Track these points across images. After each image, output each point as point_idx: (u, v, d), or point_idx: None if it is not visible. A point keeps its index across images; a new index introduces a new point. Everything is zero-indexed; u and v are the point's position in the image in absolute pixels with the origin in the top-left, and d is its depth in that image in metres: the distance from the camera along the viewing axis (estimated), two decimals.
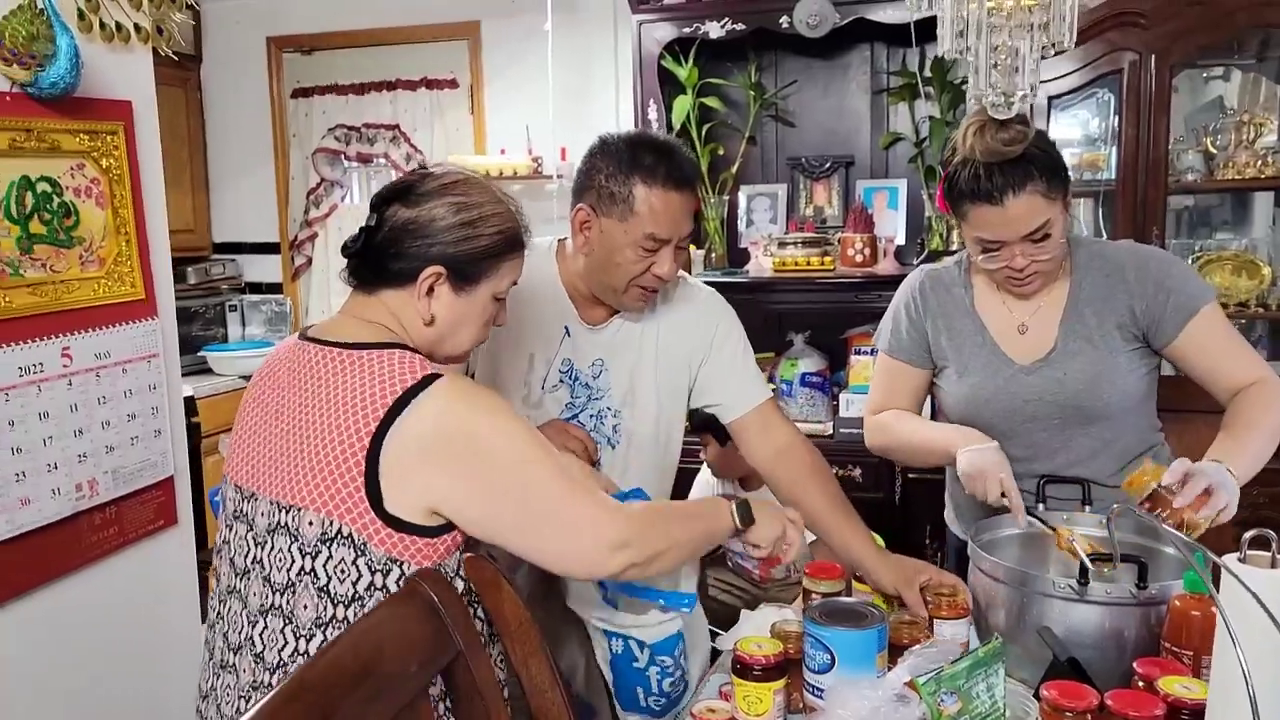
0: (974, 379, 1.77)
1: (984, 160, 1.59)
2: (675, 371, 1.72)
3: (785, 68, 3.49)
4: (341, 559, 1.18)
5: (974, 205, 1.62)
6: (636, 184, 1.53)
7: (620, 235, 1.55)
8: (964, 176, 1.62)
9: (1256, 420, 1.60)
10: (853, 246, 3.16)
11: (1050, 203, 1.60)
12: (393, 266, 1.28)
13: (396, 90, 4.14)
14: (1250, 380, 1.65)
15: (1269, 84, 3.13)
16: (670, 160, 1.55)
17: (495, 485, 1.19)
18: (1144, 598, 1.36)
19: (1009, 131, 1.57)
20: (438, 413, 1.17)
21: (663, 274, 1.58)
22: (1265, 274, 2.97)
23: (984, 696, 1.09)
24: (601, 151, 1.57)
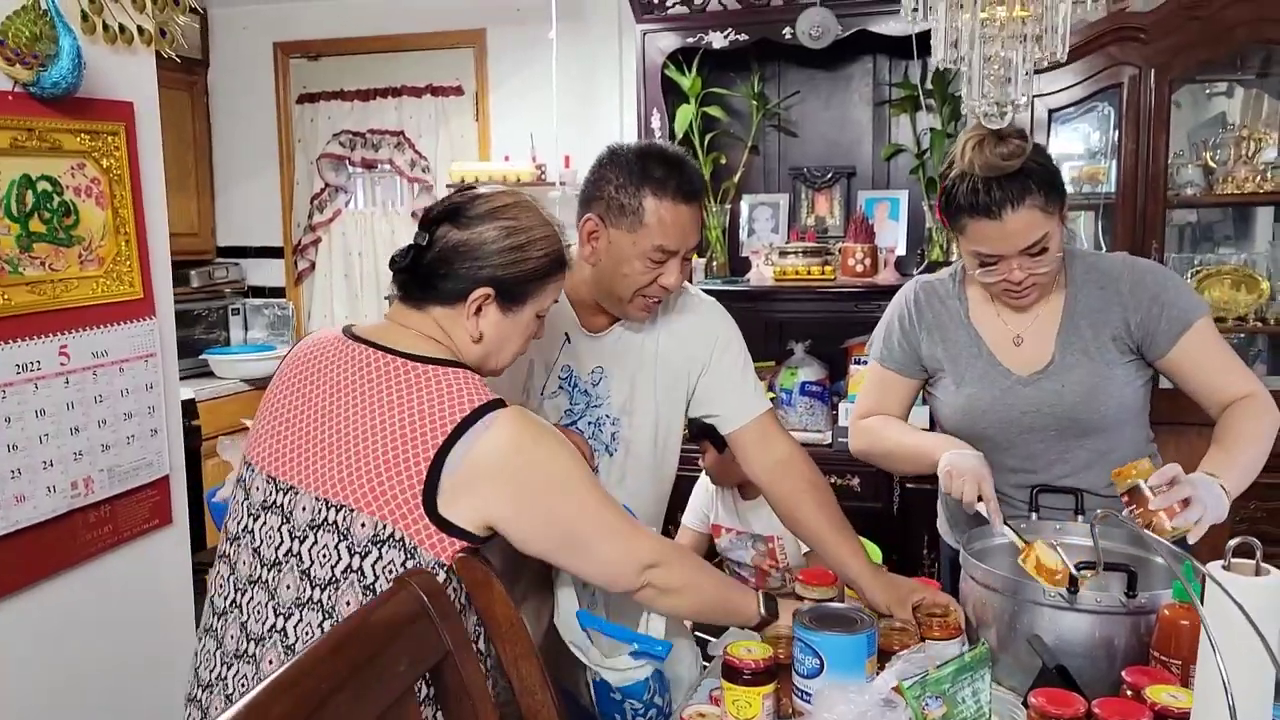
0: (971, 389, 1.77)
1: (982, 175, 1.59)
2: (674, 380, 1.73)
3: (788, 78, 3.51)
4: (391, 560, 1.22)
5: (972, 219, 1.63)
6: (647, 196, 1.53)
7: (629, 246, 1.55)
8: (962, 190, 1.62)
9: (1247, 434, 1.61)
10: (853, 256, 3.17)
11: (1048, 217, 1.61)
12: (443, 286, 1.33)
13: (402, 96, 4.16)
14: (1241, 394, 1.66)
15: (1271, 100, 3.14)
16: (681, 173, 1.56)
17: (551, 511, 1.29)
18: (1133, 607, 1.36)
19: (1008, 146, 1.58)
20: (505, 440, 1.24)
21: (669, 285, 1.58)
22: (1264, 288, 2.97)
23: (969, 701, 1.09)
24: (611, 162, 1.57)
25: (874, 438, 1.85)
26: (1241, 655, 0.94)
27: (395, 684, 1.06)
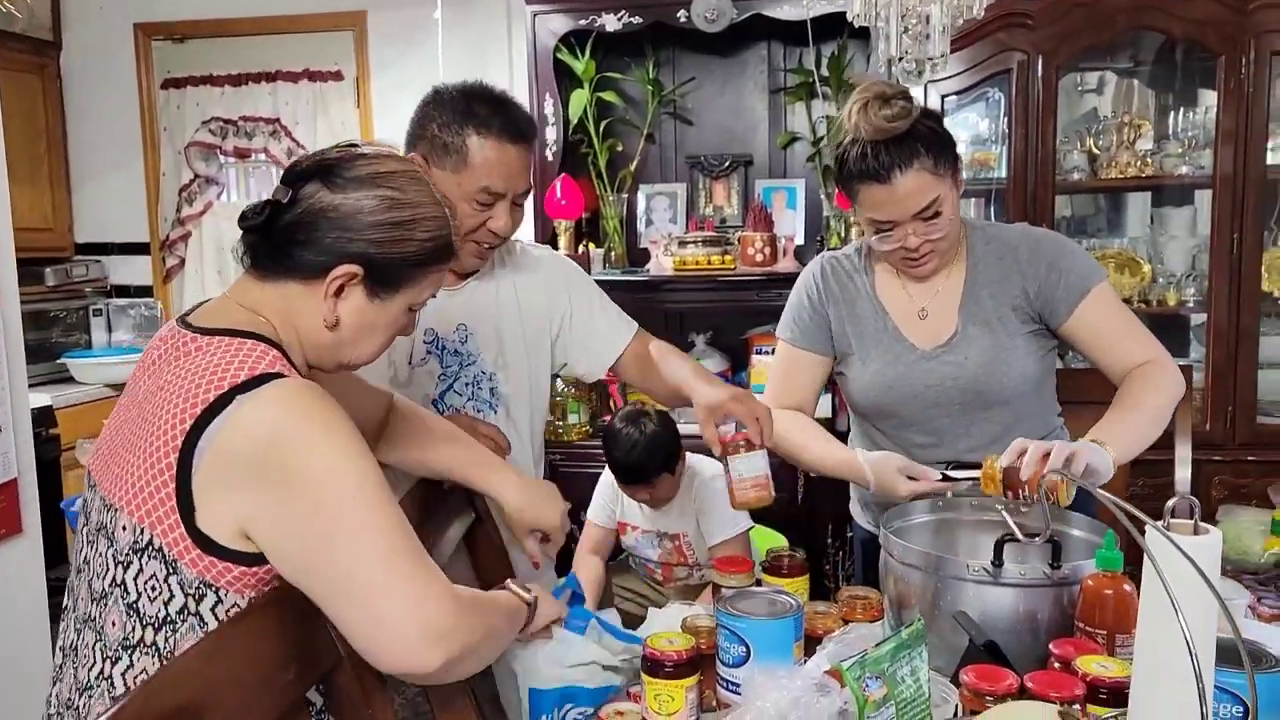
0: (876, 366, 1.75)
1: (870, 139, 1.57)
2: (539, 333, 1.71)
3: (683, 64, 3.45)
4: (153, 574, 0.99)
5: (863, 185, 1.61)
6: (470, 134, 1.49)
7: (454, 188, 1.50)
8: (852, 156, 1.61)
9: (1141, 400, 1.61)
10: (753, 245, 3.14)
11: (939, 179, 1.59)
12: (300, 256, 1.09)
13: (277, 82, 3.94)
14: (1142, 360, 1.66)
15: (1142, 89, 3.25)
16: (506, 112, 1.52)
17: (303, 524, 0.97)
18: (1057, 578, 1.33)
19: (892, 108, 1.56)
20: (260, 422, 0.97)
21: (498, 229, 1.54)
22: (1145, 271, 3.07)
23: (909, 680, 1.03)
24: (435, 101, 1.53)
25: (787, 442, 1.77)
26: (1186, 614, 0.91)
27: (283, 695, 0.94)
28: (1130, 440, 1.56)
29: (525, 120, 1.56)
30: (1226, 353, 2.90)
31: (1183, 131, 3.05)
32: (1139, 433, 1.58)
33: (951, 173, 1.61)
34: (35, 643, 1.92)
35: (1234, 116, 2.82)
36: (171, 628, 1.00)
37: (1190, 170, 2.97)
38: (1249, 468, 2.89)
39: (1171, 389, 1.63)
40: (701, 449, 2.60)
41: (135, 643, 1.01)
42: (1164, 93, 3.20)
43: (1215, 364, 2.91)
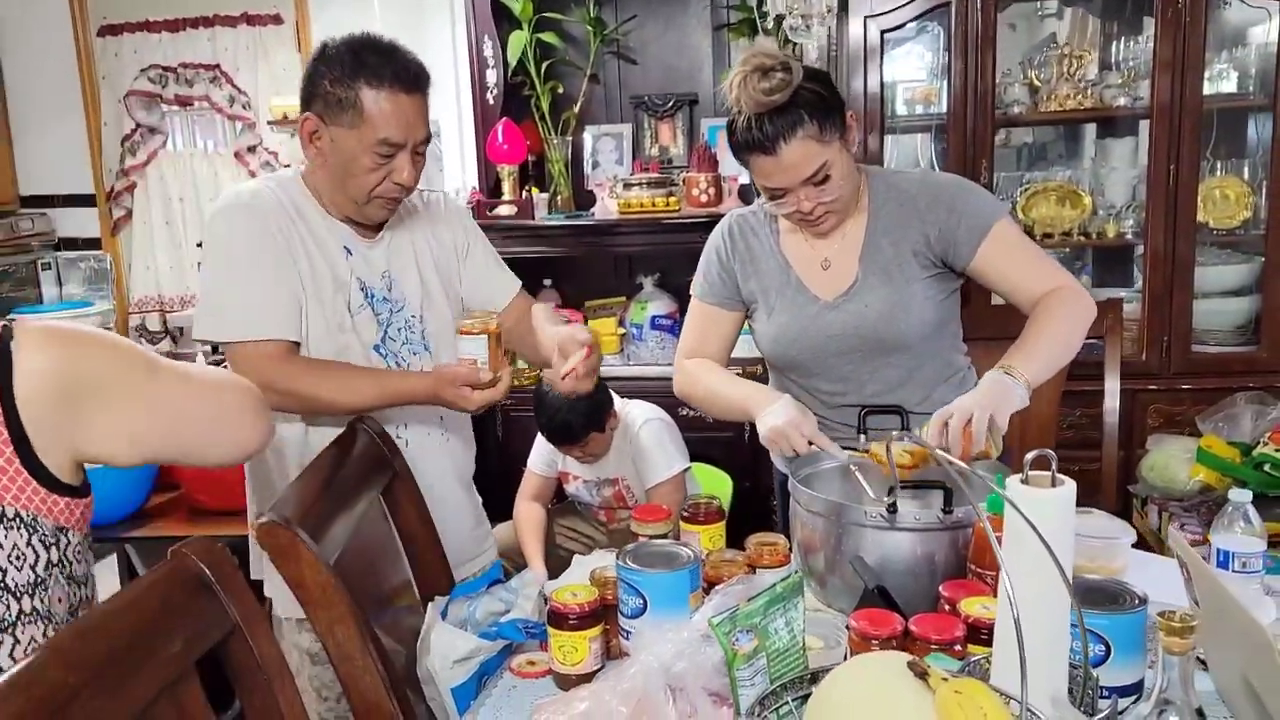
0: (782, 318, 1.78)
1: (751, 111, 1.58)
2: (450, 268, 1.75)
3: (624, 2, 3.40)
4: (14, 544, 1.03)
5: (750, 155, 1.63)
6: (362, 87, 1.48)
7: (354, 143, 1.50)
8: (739, 127, 1.62)
9: (1047, 325, 1.62)
10: (697, 186, 3.13)
11: (825, 145, 1.60)
12: None
13: (215, 27, 3.85)
14: (1049, 288, 1.67)
15: (1094, 19, 3.23)
16: (395, 60, 1.51)
17: (132, 412, 1.10)
18: (950, 522, 1.38)
19: (770, 80, 1.57)
20: (52, 361, 1.05)
21: (403, 180, 1.55)
22: (1086, 203, 3.08)
23: (782, 633, 1.07)
24: (323, 57, 1.52)
25: (692, 382, 1.84)
26: (1037, 565, 0.95)
27: (167, 668, 0.96)
28: (1040, 365, 1.57)
29: (417, 67, 1.55)
30: (1163, 282, 2.93)
31: (1124, 61, 3.04)
32: (1048, 356, 1.60)
33: (839, 136, 1.62)
34: None
35: (1171, 46, 2.81)
36: (43, 587, 1.06)
37: (1129, 101, 2.97)
38: (1183, 395, 2.94)
39: (1080, 313, 1.64)
40: (635, 395, 2.66)
41: (14, 619, 1.04)
42: (1111, 21, 3.17)
43: (1152, 293, 2.95)
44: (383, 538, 1.54)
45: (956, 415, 1.46)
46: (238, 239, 1.54)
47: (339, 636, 1.19)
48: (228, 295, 1.53)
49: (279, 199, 1.57)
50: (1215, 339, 3.04)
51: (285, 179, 1.62)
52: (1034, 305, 1.67)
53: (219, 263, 1.55)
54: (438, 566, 1.61)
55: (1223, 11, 2.93)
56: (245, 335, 1.52)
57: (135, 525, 2.12)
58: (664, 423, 2.55)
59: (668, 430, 2.54)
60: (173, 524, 2.12)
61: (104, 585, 3.56)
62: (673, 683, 1.10)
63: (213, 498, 2.11)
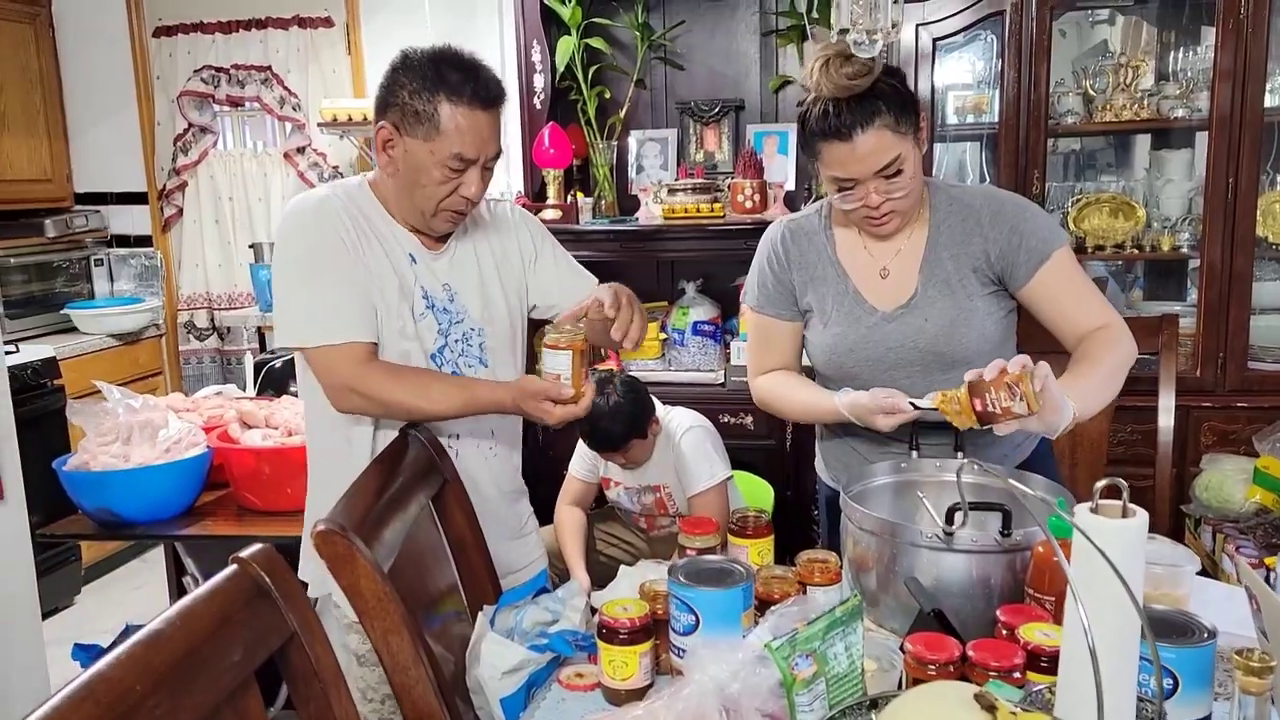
0: (837, 329, 1.75)
1: (831, 96, 1.56)
2: (516, 279, 1.74)
3: (672, 8, 3.39)
4: None
5: (825, 143, 1.60)
6: (442, 102, 1.49)
7: (426, 155, 1.51)
8: (814, 114, 1.59)
9: (1099, 359, 1.60)
10: (742, 193, 3.11)
11: (900, 137, 1.58)
12: None
13: (267, 29, 3.90)
14: (1098, 325, 1.65)
15: (1149, 27, 3.17)
16: (477, 78, 1.51)
17: None
18: (1008, 545, 1.35)
19: (853, 65, 1.54)
20: None
21: (471, 195, 1.55)
22: (1140, 215, 3.03)
23: (841, 658, 1.06)
24: (404, 67, 1.52)
25: (770, 397, 1.83)
26: (1107, 595, 0.93)
27: (229, 675, 0.97)
28: (1091, 398, 1.55)
29: (496, 85, 1.55)
30: (1218, 298, 2.87)
31: (1181, 71, 2.98)
32: (1098, 391, 1.58)
33: (914, 132, 1.59)
34: (21, 598, 1.97)
35: (1232, 55, 2.75)
36: None
37: (1187, 113, 2.92)
38: (1238, 414, 2.88)
39: (1127, 353, 1.63)
40: (677, 401, 2.64)
41: None
42: (1168, 30, 3.12)
43: (1207, 308, 2.89)
44: (432, 544, 1.54)
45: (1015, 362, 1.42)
46: (310, 245, 1.55)
47: (393, 646, 1.19)
48: (306, 301, 1.54)
49: (346, 206, 1.58)
50: (1273, 356, 2.97)
51: (352, 186, 1.63)
52: (1080, 339, 1.65)
53: (293, 270, 1.56)
54: (485, 574, 1.61)
55: None
56: (327, 339, 1.52)
57: (185, 523, 2.14)
58: (706, 430, 2.54)
59: (710, 438, 2.53)
60: (221, 523, 2.14)
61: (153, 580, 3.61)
62: (727, 704, 1.09)
63: (263, 498, 2.13)
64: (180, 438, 2.15)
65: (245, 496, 2.16)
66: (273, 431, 2.21)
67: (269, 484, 2.11)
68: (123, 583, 3.89)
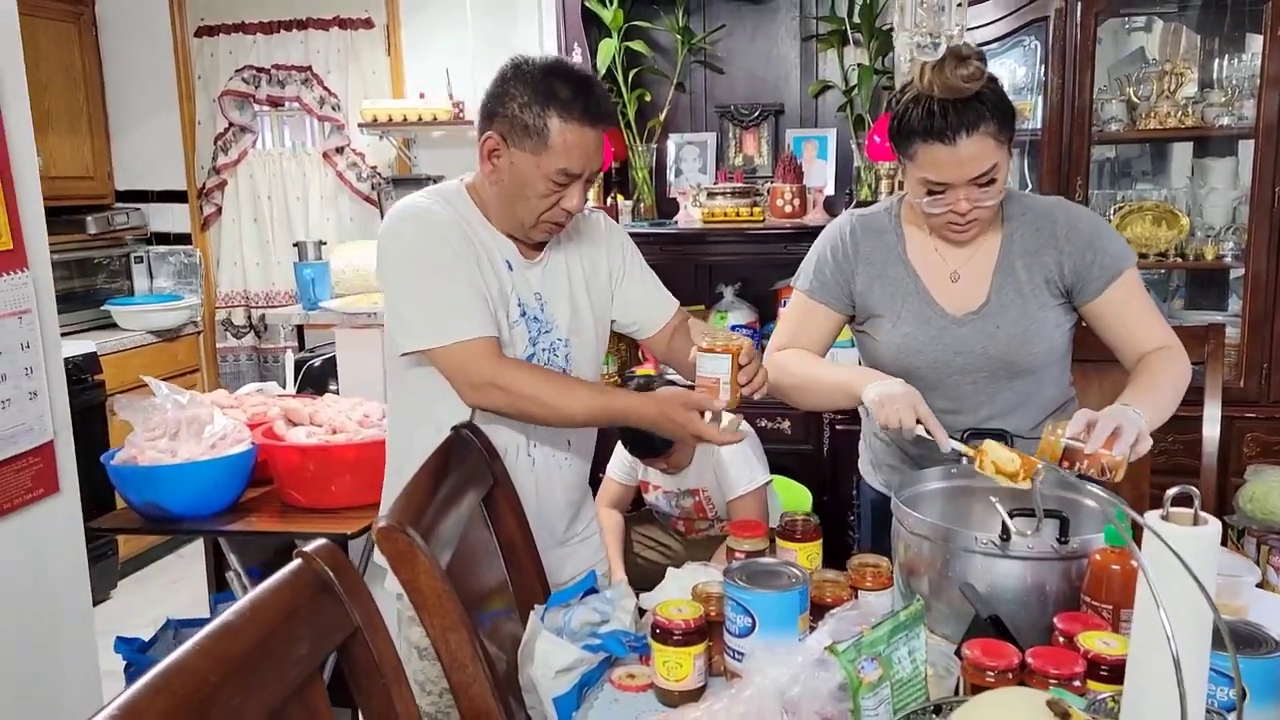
0: (906, 329, 1.73)
1: (940, 97, 1.54)
2: (604, 297, 1.75)
3: (713, 12, 3.40)
4: None
5: (925, 144, 1.57)
6: (552, 117, 1.49)
7: (532, 168, 1.51)
8: (915, 114, 1.56)
9: (1162, 374, 1.61)
10: (782, 197, 3.11)
11: (999, 146, 1.57)
12: None
13: (307, 30, 3.94)
14: (1160, 345, 1.66)
15: (1189, 34, 3.14)
16: (589, 95, 1.51)
17: None
18: (1065, 552, 1.34)
19: (968, 67, 1.53)
20: None
21: (572, 208, 1.56)
22: (1184, 224, 2.99)
23: (905, 662, 1.05)
24: (516, 78, 1.51)
25: (789, 370, 1.77)
26: (1178, 604, 0.92)
27: (296, 669, 0.97)
28: (1157, 411, 1.55)
29: (606, 103, 1.56)
30: (1263, 307, 2.83)
31: (1227, 79, 2.95)
32: (1163, 405, 1.58)
33: (1009, 140, 1.59)
34: (74, 593, 1.99)
35: (1279, 63, 2.72)
36: None
37: (1232, 121, 2.88)
38: None
39: (1185, 373, 1.63)
40: None
41: None
42: (1210, 37, 3.08)
43: (1252, 319, 2.85)
44: (484, 543, 1.55)
45: (1103, 422, 1.42)
46: (427, 248, 1.55)
47: (451, 644, 1.20)
48: (430, 304, 1.54)
49: (450, 213, 1.58)
50: None
51: (450, 193, 1.63)
52: (1140, 358, 1.64)
53: (410, 275, 1.56)
54: (534, 573, 1.62)
55: None
56: (458, 337, 1.52)
57: (230, 519, 2.16)
58: (747, 434, 2.54)
59: (750, 442, 2.52)
60: (266, 519, 2.16)
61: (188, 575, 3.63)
62: (787, 707, 1.09)
63: (307, 495, 2.14)
64: (226, 434, 2.17)
65: (289, 493, 2.18)
66: (317, 429, 2.22)
67: (313, 481, 2.12)
68: (159, 577, 3.93)
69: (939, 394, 1.73)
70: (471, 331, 1.52)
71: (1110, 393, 1.66)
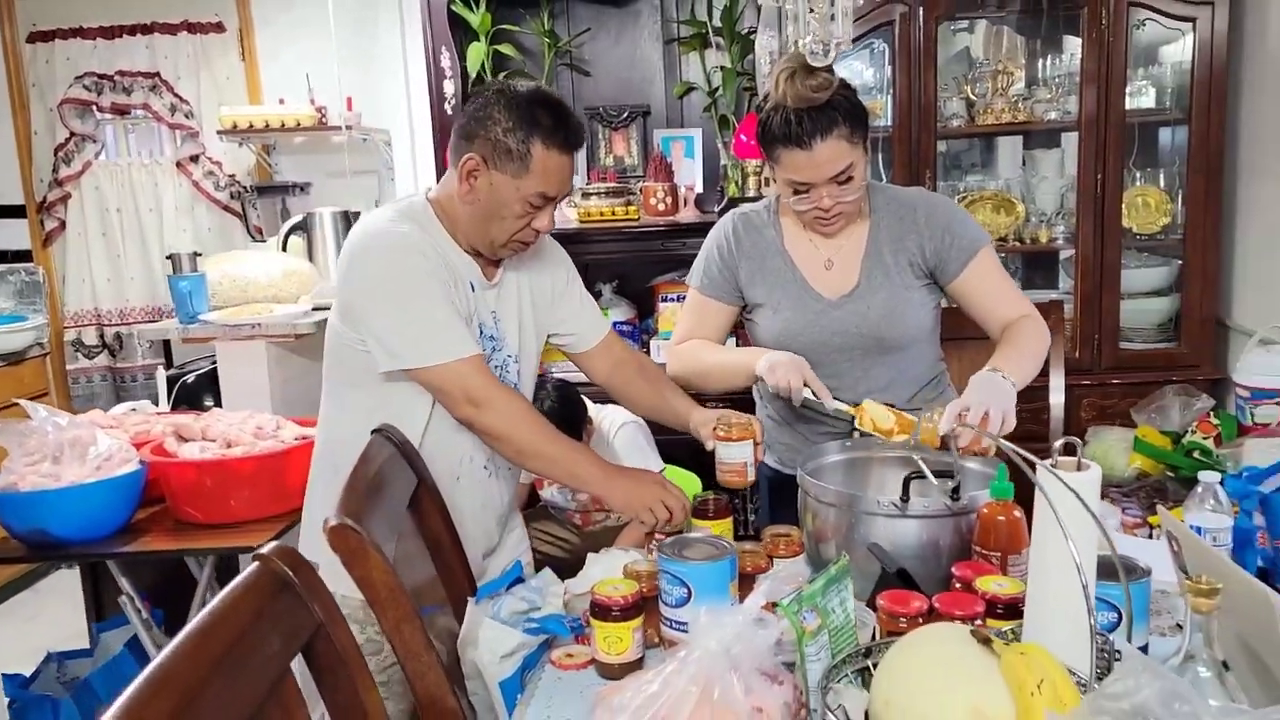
0: (787, 314, 1.87)
1: (794, 106, 1.67)
2: (544, 310, 1.82)
3: (577, 15, 3.47)
4: None
5: (785, 149, 1.72)
6: (535, 143, 1.56)
7: (511, 191, 1.58)
8: (775, 122, 1.71)
9: (1024, 343, 1.78)
10: (655, 195, 3.21)
11: (853, 147, 1.71)
12: None
13: (153, 34, 3.80)
14: (1018, 315, 1.84)
15: (1011, 34, 3.42)
16: (568, 123, 1.59)
17: None
18: (957, 509, 1.49)
19: (816, 79, 1.67)
20: None
21: (542, 228, 1.64)
22: (1020, 211, 3.27)
23: (838, 611, 1.16)
24: (499, 103, 1.57)
25: (690, 359, 1.94)
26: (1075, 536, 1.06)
27: (271, 665, 1.00)
28: (1023, 372, 1.73)
29: (581, 130, 1.65)
30: (1093, 285, 3.14)
31: (1050, 77, 3.24)
32: (1028, 367, 1.75)
33: (863, 140, 1.73)
34: None
35: (1096, 63, 3.01)
36: None
37: (1058, 114, 3.17)
38: (1113, 390, 3.15)
39: (1045, 339, 1.82)
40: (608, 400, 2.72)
41: None
42: (1032, 39, 3.37)
43: (1083, 296, 3.15)
44: (413, 541, 1.58)
45: (974, 409, 1.57)
46: (405, 268, 1.57)
47: (405, 635, 1.24)
48: (418, 324, 1.56)
49: (421, 235, 1.61)
50: (1141, 336, 3.26)
51: (416, 212, 1.65)
52: (1001, 328, 1.82)
53: (394, 298, 1.57)
54: (460, 570, 1.66)
55: (1140, 31, 3.16)
56: (449, 356, 1.56)
57: (122, 541, 2.08)
58: (638, 426, 2.62)
59: (642, 433, 2.61)
60: (161, 538, 2.09)
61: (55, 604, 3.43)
62: (732, 664, 1.18)
63: (205, 511, 2.10)
64: (111, 454, 2.10)
65: (185, 510, 2.13)
66: (210, 444, 2.17)
67: (212, 496, 2.08)
68: (23, 609, 3.71)
69: (821, 372, 1.87)
70: (457, 351, 1.57)
71: (976, 365, 1.82)
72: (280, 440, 2.19)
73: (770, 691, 1.18)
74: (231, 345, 2.59)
